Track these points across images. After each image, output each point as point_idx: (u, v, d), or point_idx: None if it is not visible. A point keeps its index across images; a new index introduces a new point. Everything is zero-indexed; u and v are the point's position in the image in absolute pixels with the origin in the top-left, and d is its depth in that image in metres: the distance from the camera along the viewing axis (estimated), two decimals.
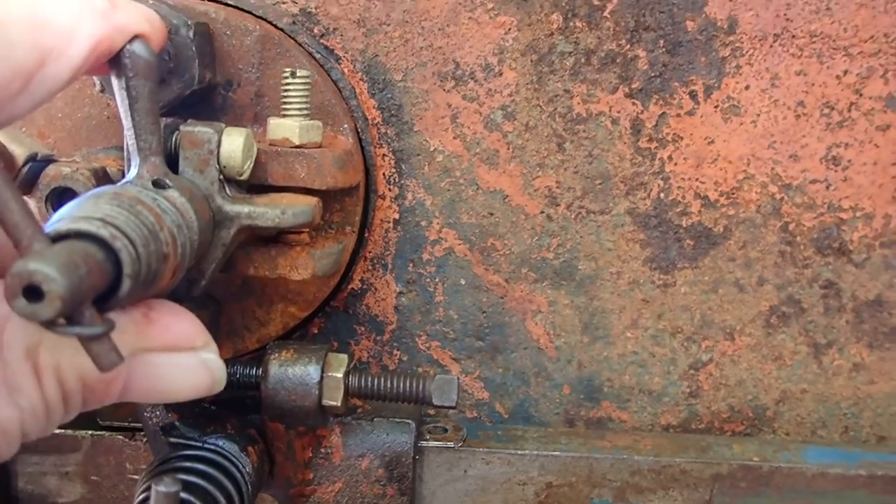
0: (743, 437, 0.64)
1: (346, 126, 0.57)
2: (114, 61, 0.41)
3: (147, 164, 0.43)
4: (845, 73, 0.58)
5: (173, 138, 0.47)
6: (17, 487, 0.58)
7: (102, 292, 0.36)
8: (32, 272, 0.31)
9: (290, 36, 0.56)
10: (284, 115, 0.52)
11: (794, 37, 0.58)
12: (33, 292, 0.31)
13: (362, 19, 0.58)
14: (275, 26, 0.56)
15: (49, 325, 0.32)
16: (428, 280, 0.63)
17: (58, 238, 0.34)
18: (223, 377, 0.39)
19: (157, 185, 0.43)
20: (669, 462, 0.56)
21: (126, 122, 0.42)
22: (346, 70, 0.58)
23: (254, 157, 0.49)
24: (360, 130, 0.58)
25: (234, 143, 0.47)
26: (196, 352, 0.39)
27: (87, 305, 0.34)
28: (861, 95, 0.59)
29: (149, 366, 0.37)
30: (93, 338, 0.34)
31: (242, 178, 0.48)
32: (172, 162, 0.47)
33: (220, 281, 0.56)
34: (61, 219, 0.36)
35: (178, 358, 0.38)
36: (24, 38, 0.32)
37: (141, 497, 0.44)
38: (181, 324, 0.39)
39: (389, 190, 0.61)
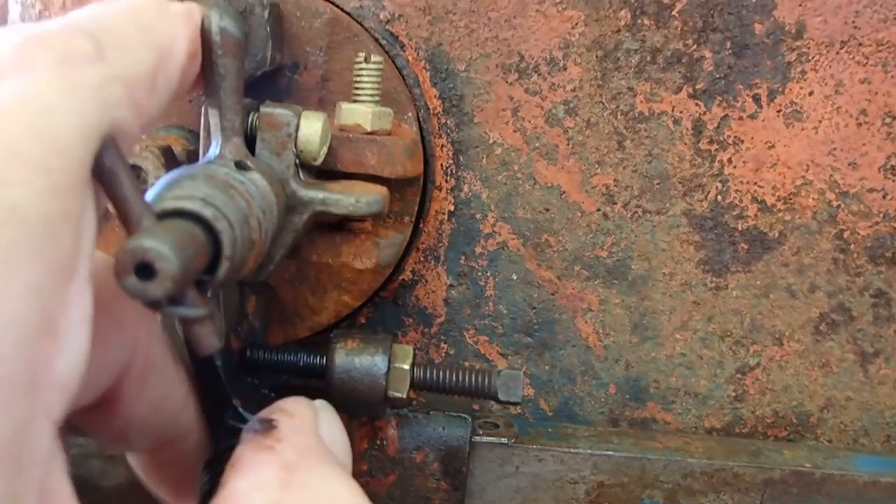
0: (787, 442, 0.64)
1: (409, 115, 0.56)
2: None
3: (229, 144, 0.42)
4: None
5: (250, 119, 0.46)
6: None
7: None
8: (147, 249, 0.30)
9: (356, 20, 0.55)
10: (356, 101, 0.51)
11: (860, 44, 0.58)
12: (145, 270, 0.30)
13: (428, 6, 0.57)
14: (342, 10, 0.55)
15: (155, 304, 0.32)
16: (479, 274, 0.62)
17: (163, 216, 0.34)
18: None
19: (240, 166, 0.42)
20: (722, 465, 0.56)
21: (210, 99, 0.41)
22: (410, 58, 0.58)
23: (328, 142, 0.48)
24: (421, 120, 0.57)
25: (312, 128, 0.46)
26: None
27: (190, 287, 0.33)
28: None
29: None
30: (195, 320, 0.34)
31: (316, 163, 0.47)
32: (249, 143, 0.46)
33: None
34: (161, 197, 0.35)
35: None
36: (140, 41, 0.33)
37: (206, 489, 0.43)
38: None
39: (446, 181, 0.60)
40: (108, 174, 0.31)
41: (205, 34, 0.39)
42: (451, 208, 0.61)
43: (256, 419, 0.38)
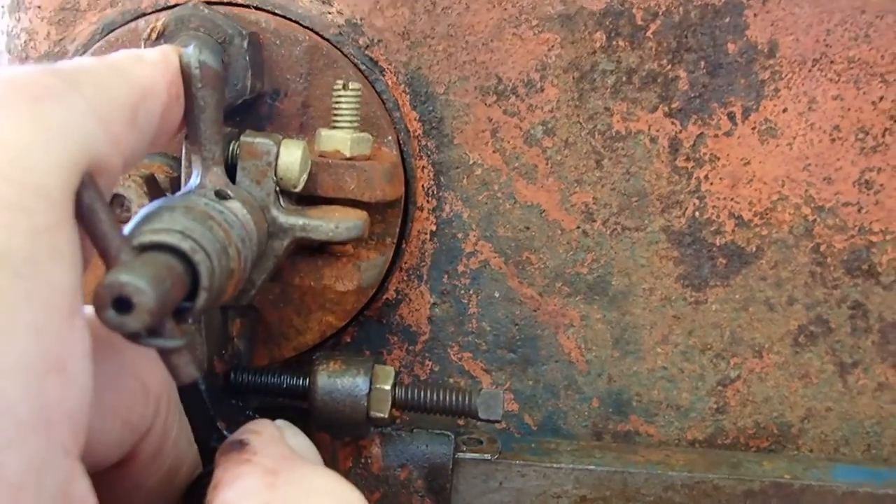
0: (769, 453, 0.65)
1: (389, 138, 0.57)
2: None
3: (210, 173, 0.43)
4: (881, 99, 0.59)
5: (231, 148, 0.47)
6: None
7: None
8: (124, 284, 0.31)
9: (336, 47, 0.57)
10: (334, 127, 0.52)
11: (832, 62, 0.59)
12: (123, 304, 0.31)
13: (407, 32, 0.59)
14: (322, 37, 0.56)
15: (133, 336, 0.33)
16: (462, 292, 0.63)
17: (142, 249, 0.35)
18: None
19: (220, 195, 0.43)
20: (703, 478, 0.57)
21: (190, 131, 0.42)
22: (389, 82, 0.59)
23: (308, 169, 0.49)
24: (401, 143, 0.58)
25: (292, 156, 0.47)
26: None
27: (167, 318, 0.34)
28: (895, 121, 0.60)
29: None
30: (173, 350, 0.35)
31: (296, 189, 0.48)
32: (229, 171, 0.47)
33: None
34: (140, 230, 0.36)
35: None
36: (116, 80, 0.34)
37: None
38: None
39: (427, 202, 0.61)
40: (87, 211, 0.32)
41: (184, 67, 0.40)
42: (433, 228, 0.62)
43: (227, 442, 0.39)
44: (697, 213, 0.62)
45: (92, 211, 0.32)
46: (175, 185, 0.51)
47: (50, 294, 0.27)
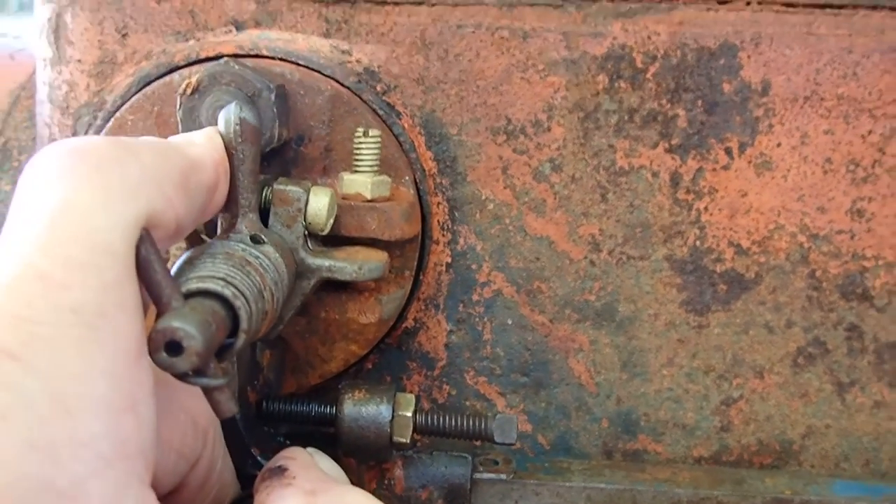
0: (772, 469, 0.68)
1: (407, 178, 0.61)
2: None
3: (245, 220, 0.47)
4: (870, 132, 0.63)
5: (263, 194, 0.51)
6: None
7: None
8: (176, 329, 0.35)
9: (356, 94, 0.61)
10: (356, 171, 0.56)
11: (822, 99, 0.63)
12: (174, 347, 0.35)
13: (421, 78, 0.63)
14: (342, 85, 0.60)
15: (182, 376, 0.36)
16: (477, 319, 0.67)
17: (188, 295, 0.39)
18: None
19: (255, 240, 0.47)
20: (707, 495, 0.60)
21: (230, 180, 0.46)
22: (406, 125, 0.63)
23: (335, 214, 0.53)
24: (418, 181, 0.62)
25: (320, 202, 0.51)
26: None
27: (211, 358, 0.38)
28: (884, 153, 0.63)
29: None
30: (215, 388, 0.39)
31: (324, 233, 0.52)
32: (262, 215, 0.51)
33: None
34: (186, 277, 0.40)
35: None
36: (170, 150, 0.39)
37: None
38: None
39: (443, 235, 0.65)
40: (143, 262, 0.36)
41: (225, 124, 0.45)
42: (449, 260, 0.66)
43: (266, 469, 0.43)
44: (698, 243, 0.65)
45: (148, 262, 0.36)
46: (209, 228, 0.55)
47: (120, 341, 0.31)
